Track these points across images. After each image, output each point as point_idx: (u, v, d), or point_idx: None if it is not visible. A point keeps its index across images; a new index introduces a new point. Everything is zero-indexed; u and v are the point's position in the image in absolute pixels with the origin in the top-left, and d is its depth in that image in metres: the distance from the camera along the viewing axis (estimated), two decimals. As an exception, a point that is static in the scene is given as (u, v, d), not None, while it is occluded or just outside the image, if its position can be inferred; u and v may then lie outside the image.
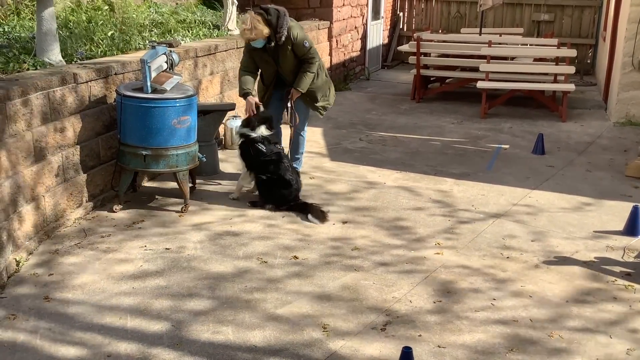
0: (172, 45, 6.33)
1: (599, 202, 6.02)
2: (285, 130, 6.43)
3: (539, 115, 9.50)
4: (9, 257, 4.36)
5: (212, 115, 6.35)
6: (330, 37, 10.68)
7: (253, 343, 3.65)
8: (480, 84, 9.54)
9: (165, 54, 5.61)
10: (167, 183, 6.16)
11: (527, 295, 4.25)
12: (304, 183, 6.05)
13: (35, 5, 5.43)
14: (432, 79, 11.17)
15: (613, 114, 9.12)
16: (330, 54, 10.76)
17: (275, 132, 5.99)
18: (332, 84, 6.33)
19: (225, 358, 3.51)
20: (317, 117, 6.32)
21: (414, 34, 11.17)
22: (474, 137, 8.30)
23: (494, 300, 4.18)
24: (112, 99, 5.57)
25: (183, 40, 7.22)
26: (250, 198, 5.83)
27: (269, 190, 5.63)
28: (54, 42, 5.44)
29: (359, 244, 4.98)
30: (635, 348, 3.69)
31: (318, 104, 6.16)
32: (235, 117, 7.35)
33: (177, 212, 5.50)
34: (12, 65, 5.08)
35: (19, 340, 3.62)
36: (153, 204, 5.69)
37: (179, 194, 5.64)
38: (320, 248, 4.90)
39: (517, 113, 9.63)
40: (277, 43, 5.75)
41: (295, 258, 4.70)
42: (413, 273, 4.52)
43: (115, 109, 5.49)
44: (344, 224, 5.36)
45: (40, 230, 4.84)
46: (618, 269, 4.67)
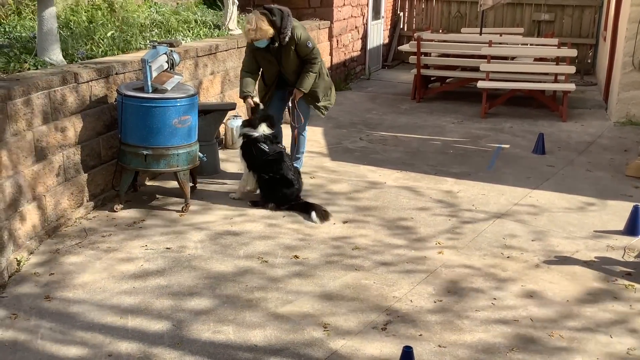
0: (172, 45, 6.33)
1: (600, 201, 6.02)
2: (286, 130, 6.44)
3: (540, 115, 9.50)
4: (10, 256, 4.36)
5: (212, 115, 6.36)
6: (331, 36, 10.68)
7: (254, 342, 3.66)
8: (481, 84, 9.54)
9: (166, 54, 5.61)
10: (167, 182, 6.16)
11: (527, 295, 4.25)
12: (305, 183, 6.05)
13: (36, 5, 5.44)
14: (432, 79, 11.18)
15: (613, 114, 9.12)
16: (331, 54, 10.77)
17: (276, 131, 5.99)
18: (332, 84, 6.34)
19: (226, 357, 3.52)
20: (317, 116, 6.33)
21: (415, 34, 11.16)
22: (475, 136, 8.31)
23: (495, 300, 4.18)
24: (113, 99, 5.57)
25: (184, 40, 7.23)
26: (251, 198, 5.83)
27: (271, 190, 5.63)
28: (55, 41, 5.44)
29: (360, 244, 4.98)
30: (636, 347, 3.69)
31: (320, 104, 6.17)
32: (236, 116, 7.36)
33: (177, 211, 5.51)
34: (13, 65, 5.08)
35: (20, 340, 3.63)
36: (154, 204, 5.70)
37: (180, 194, 5.65)
38: (321, 247, 4.90)
39: (517, 113, 9.63)
40: (280, 43, 5.75)
41: (296, 257, 4.71)
42: (414, 272, 4.53)
43: (116, 109, 5.49)
44: (345, 224, 5.37)
45: (41, 230, 4.84)
46: (618, 269, 4.67)
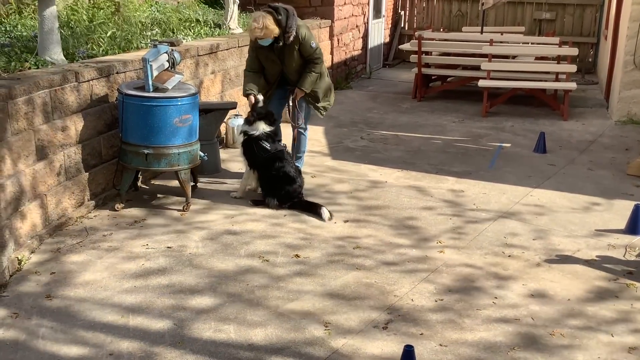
0: (173, 44, 6.33)
1: (601, 200, 6.01)
2: (286, 129, 6.43)
3: (541, 114, 9.50)
4: (11, 255, 4.36)
5: (213, 114, 6.36)
6: (332, 35, 10.68)
7: (255, 341, 3.66)
8: (482, 83, 9.54)
9: (167, 53, 5.61)
10: (168, 182, 6.16)
11: (529, 294, 4.25)
12: (306, 182, 6.04)
13: (37, 4, 5.44)
14: (433, 78, 11.17)
15: (615, 113, 9.12)
16: (332, 53, 10.76)
17: (276, 129, 5.98)
18: (332, 85, 6.34)
19: (227, 356, 3.52)
20: (318, 115, 6.32)
21: (415, 33, 11.15)
22: (476, 135, 8.30)
23: (496, 299, 4.18)
24: (113, 98, 5.57)
25: (184, 39, 7.22)
26: (253, 196, 5.83)
27: (273, 187, 5.63)
28: (56, 41, 5.44)
29: (361, 243, 4.98)
30: (637, 346, 3.69)
31: (320, 104, 6.16)
32: (237, 115, 7.35)
33: (178, 210, 5.51)
34: (14, 64, 5.09)
35: (21, 339, 3.63)
36: (155, 203, 5.70)
37: (181, 193, 5.65)
38: (322, 246, 4.90)
39: (518, 112, 9.63)
40: (284, 43, 5.74)
41: (297, 256, 4.71)
42: (415, 271, 4.53)
43: (117, 108, 5.49)
44: (346, 223, 5.37)
45: (43, 229, 4.84)
46: (620, 268, 4.67)
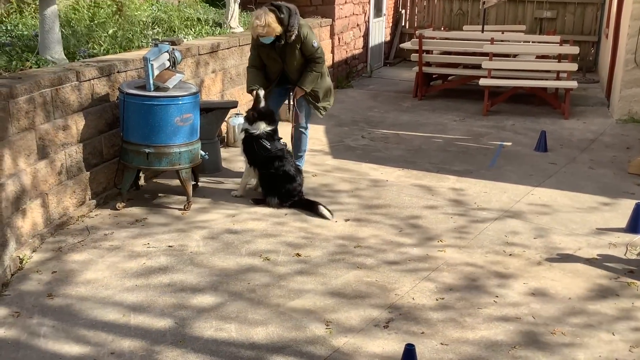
0: (174, 43, 6.33)
1: (602, 199, 6.01)
2: (283, 128, 6.42)
3: (542, 113, 9.49)
4: (13, 254, 4.37)
5: (214, 113, 6.36)
6: (333, 34, 10.67)
7: (256, 340, 3.66)
8: (483, 82, 9.53)
9: (168, 52, 5.61)
10: (169, 181, 6.17)
11: (530, 293, 4.25)
12: (307, 181, 6.05)
13: (38, 4, 5.44)
14: (434, 77, 11.16)
15: (616, 111, 9.11)
16: (333, 52, 10.76)
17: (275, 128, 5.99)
18: (332, 85, 6.34)
19: (229, 355, 3.52)
20: (317, 115, 6.33)
21: (416, 32, 11.15)
22: (477, 134, 8.30)
23: (497, 298, 4.18)
24: (114, 97, 5.57)
25: (185, 38, 7.23)
26: (254, 195, 5.83)
27: (273, 186, 5.64)
28: (57, 40, 5.44)
29: (362, 242, 4.98)
30: (638, 345, 3.69)
31: (319, 104, 6.16)
32: (238, 114, 7.35)
33: (180, 209, 5.51)
34: (15, 64, 5.09)
35: (23, 338, 3.64)
36: (156, 202, 5.70)
37: (182, 192, 5.65)
38: (323, 245, 4.90)
39: (519, 110, 9.62)
40: (286, 41, 5.74)
41: (299, 255, 4.71)
42: (416, 270, 4.53)
43: (118, 107, 5.50)
44: (347, 222, 5.37)
45: (44, 228, 4.85)
46: (621, 266, 4.67)
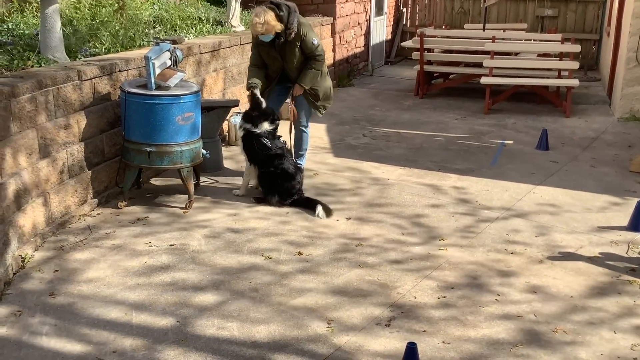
0: (176, 42, 6.34)
1: (603, 197, 6.01)
2: (284, 127, 6.41)
3: (543, 111, 9.49)
4: (15, 253, 4.38)
5: (215, 112, 6.36)
6: (334, 33, 10.67)
7: (258, 338, 3.66)
8: (484, 80, 9.53)
9: (169, 51, 5.61)
10: (171, 179, 6.17)
11: (531, 291, 4.25)
12: (308, 179, 6.05)
13: (40, 3, 5.44)
14: (435, 75, 11.15)
15: (617, 109, 9.10)
16: (334, 50, 10.76)
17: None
18: (332, 84, 6.34)
19: (230, 354, 3.53)
20: (317, 114, 6.32)
21: (417, 30, 11.14)
22: (478, 132, 8.29)
23: (499, 296, 4.18)
24: (116, 96, 5.58)
25: (187, 37, 7.23)
26: (255, 194, 5.84)
27: (273, 184, 5.64)
28: (58, 39, 5.45)
29: (363, 240, 4.98)
30: (640, 343, 3.70)
31: (319, 103, 6.17)
32: (239, 113, 7.33)
33: (181, 208, 5.52)
34: (16, 63, 5.09)
35: (25, 337, 3.64)
36: (157, 201, 5.71)
37: (183, 191, 5.65)
38: (325, 244, 4.90)
39: (520, 109, 9.62)
40: (286, 39, 5.74)
41: (300, 254, 4.71)
42: (418, 269, 4.53)
43: (120, 106, 5.50)
44: (348, 220, 5.37)
45: (46, 227, 4.85)
46: (622, 265, 4.67)
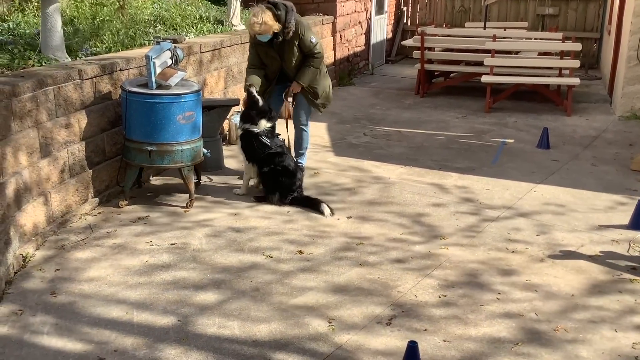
0: (176, 41, 6.34)
1: (604, 196, 6.01)
2: (280, 126, 6.39)
3: (544, 110, 9.48)
4: (16, 252, 4.38)
5: (216, 111, 6.36)
6: (334, 32, 10.67)
7: (259, 337, 3.67)
8: (485, 78, 9.52)
9: (170, 50, 5.62)
10: (172, 178, 6.18)
11: (532, 289, 4.25)
12: (309, 178, 6.05)
13: (40, 2, 5.44)
14: (436, 74, 11.15)
15: (618, 108, 9.10)
16: (334, 49, 10.75)
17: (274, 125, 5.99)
18: (331, 87, 6.33)
19: (231, 352, 3.53)
20: (317, 112, 6.33)
21: (418, 29, 11.14)
22: (479, 131, 8.29)
23: (500, 294, 4.18)
24: (117, 95, 5.58)
25: (187, 36, 7.23)
26: (255, 193, 5.84)
27: (274, 182, 5.64)
28: (59, 38, 5.45)
29: (364, 239, 4.99)
30: (641, 341, 3.70)
31: (318, 101, 6.16)
32: (239, 112, 7.35)
33: (182, 207, 5.52)
34: (17, 62, 5.10)
35: (26, 336, 3.65)
36: (158, 200, 5.71)
37: (184, 190, 5.66)
38: (326, 243, 4.91)
39: (521, 107, 9.61)
40: (284, 38, 5.74)
41: (301, 253, 4.72)
42: (418, 267, 4.53)
43: (120, 105, 5.50)
44: (349, 219, 5.37)
45: (47, 226, 4.86)
46: (623, 263, 4.67)
